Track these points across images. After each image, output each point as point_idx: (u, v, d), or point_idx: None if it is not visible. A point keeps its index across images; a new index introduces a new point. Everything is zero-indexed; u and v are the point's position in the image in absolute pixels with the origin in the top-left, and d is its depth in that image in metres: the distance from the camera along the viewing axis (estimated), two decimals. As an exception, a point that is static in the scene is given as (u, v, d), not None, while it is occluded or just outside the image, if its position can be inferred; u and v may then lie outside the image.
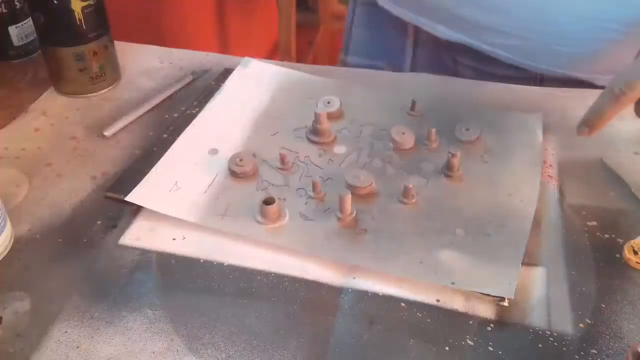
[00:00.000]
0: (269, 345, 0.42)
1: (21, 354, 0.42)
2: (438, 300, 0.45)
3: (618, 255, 0.48)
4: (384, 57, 0.83)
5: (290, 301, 0.45)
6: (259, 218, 0.50)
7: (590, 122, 0.52)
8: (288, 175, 0.55)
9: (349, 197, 0.50)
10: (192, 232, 0.50)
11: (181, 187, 0.54)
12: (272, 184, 0.54)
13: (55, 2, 0.60)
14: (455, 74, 0.76)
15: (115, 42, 0.68)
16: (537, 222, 0.51)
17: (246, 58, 0.70)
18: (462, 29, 0.71)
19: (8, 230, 0.49)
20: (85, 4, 0.62)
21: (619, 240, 0.49)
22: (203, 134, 0.60)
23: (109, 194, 0.54)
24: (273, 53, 1.87)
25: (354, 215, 0.51)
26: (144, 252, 0.49)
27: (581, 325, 0.43)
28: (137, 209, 0.52)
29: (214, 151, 0.58)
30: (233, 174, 0.55)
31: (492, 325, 0.44)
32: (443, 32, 0.73)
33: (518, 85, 0.67)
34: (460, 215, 0.51)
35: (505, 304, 0.45)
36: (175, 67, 0.72)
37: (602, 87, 0.53)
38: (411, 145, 0.58)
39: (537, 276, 0.47)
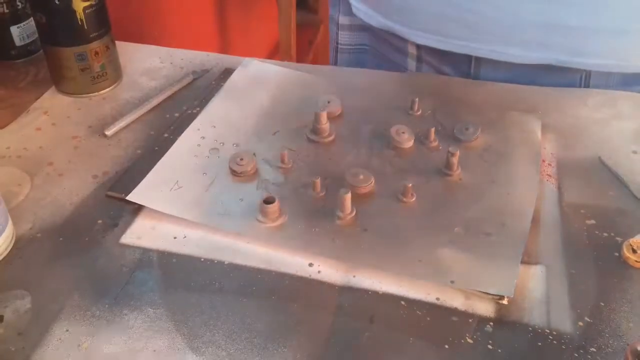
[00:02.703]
0: (269, 343, 0.42)
1: (22, 352, 0.42)
2: (438, 299, 0.45)
3: (617, 254, 0.48)
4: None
5: (291, 300, 0.45)
6: (260, 217, 0.50)
7: None
8: (288, 174, 0.56)
9: (349, 196, 0.50)
10: (192, 231, 0.51)
11: (182, 186, 0.54)
12: (273, 183, 0.54)
13: (56, 2, 0.60)
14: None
15: (117, 42, 0.68)
16: (536, 220, 0.51)
17: (247, 58, 0.71)
18: (550, 46, 0.64)
19: (9, 229, 0.49)
20: (86, 4, 0.62)
21: (618, 238, 0.50)
22: (204, 133, 0.60)
23: (110, 193, 0.54)
24: (273, 53, 1.86)
25: (353, 214, 0.51)
26: (145, 250, 0.49)
27: (580, 323, 0.44)
28: (138, 208, 0.53)
29: (214, 150, 0.58)
30: (233, 173, 0.55)
31: (491, 323, 0.44)
32: (517, 55, 0.64)
33: (518, 85, 0.67)
34: (460, 214, 0.51)
35: (505, 302, 0.45)
36: (176, 67, 0.72)
37: None
38: (411, 144, 0.58)
39: (537, 275, 0.47)
